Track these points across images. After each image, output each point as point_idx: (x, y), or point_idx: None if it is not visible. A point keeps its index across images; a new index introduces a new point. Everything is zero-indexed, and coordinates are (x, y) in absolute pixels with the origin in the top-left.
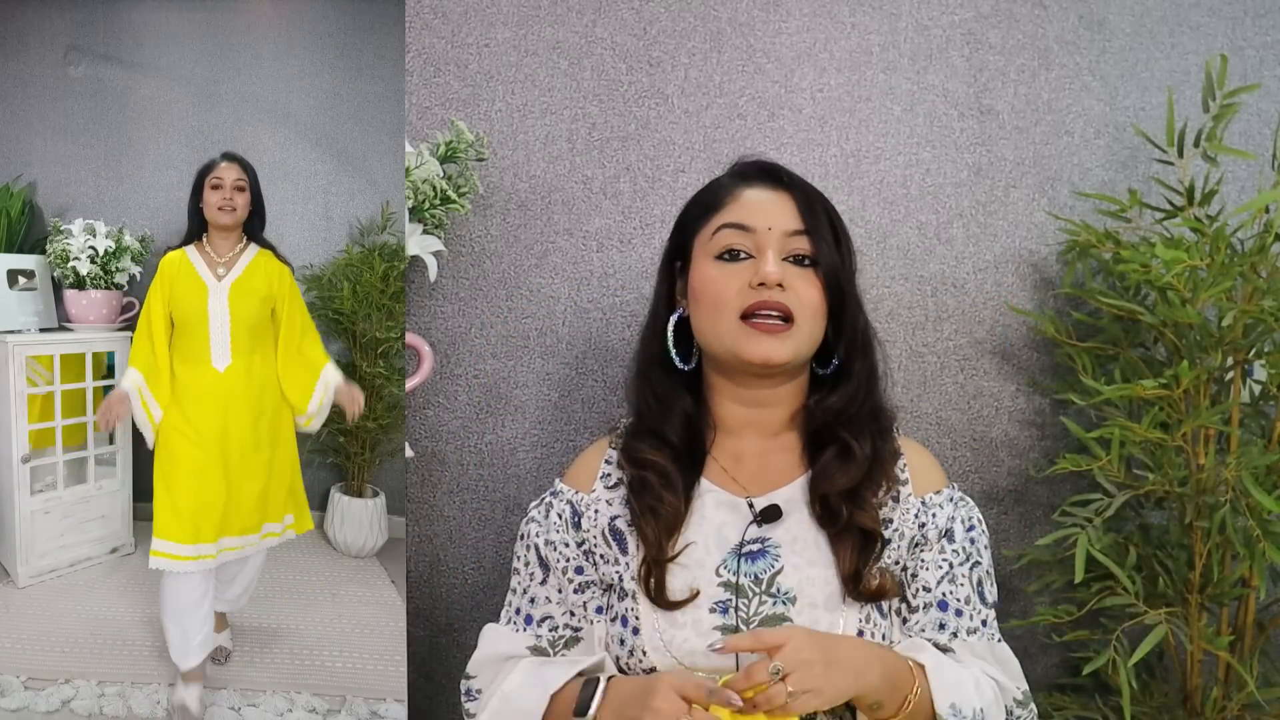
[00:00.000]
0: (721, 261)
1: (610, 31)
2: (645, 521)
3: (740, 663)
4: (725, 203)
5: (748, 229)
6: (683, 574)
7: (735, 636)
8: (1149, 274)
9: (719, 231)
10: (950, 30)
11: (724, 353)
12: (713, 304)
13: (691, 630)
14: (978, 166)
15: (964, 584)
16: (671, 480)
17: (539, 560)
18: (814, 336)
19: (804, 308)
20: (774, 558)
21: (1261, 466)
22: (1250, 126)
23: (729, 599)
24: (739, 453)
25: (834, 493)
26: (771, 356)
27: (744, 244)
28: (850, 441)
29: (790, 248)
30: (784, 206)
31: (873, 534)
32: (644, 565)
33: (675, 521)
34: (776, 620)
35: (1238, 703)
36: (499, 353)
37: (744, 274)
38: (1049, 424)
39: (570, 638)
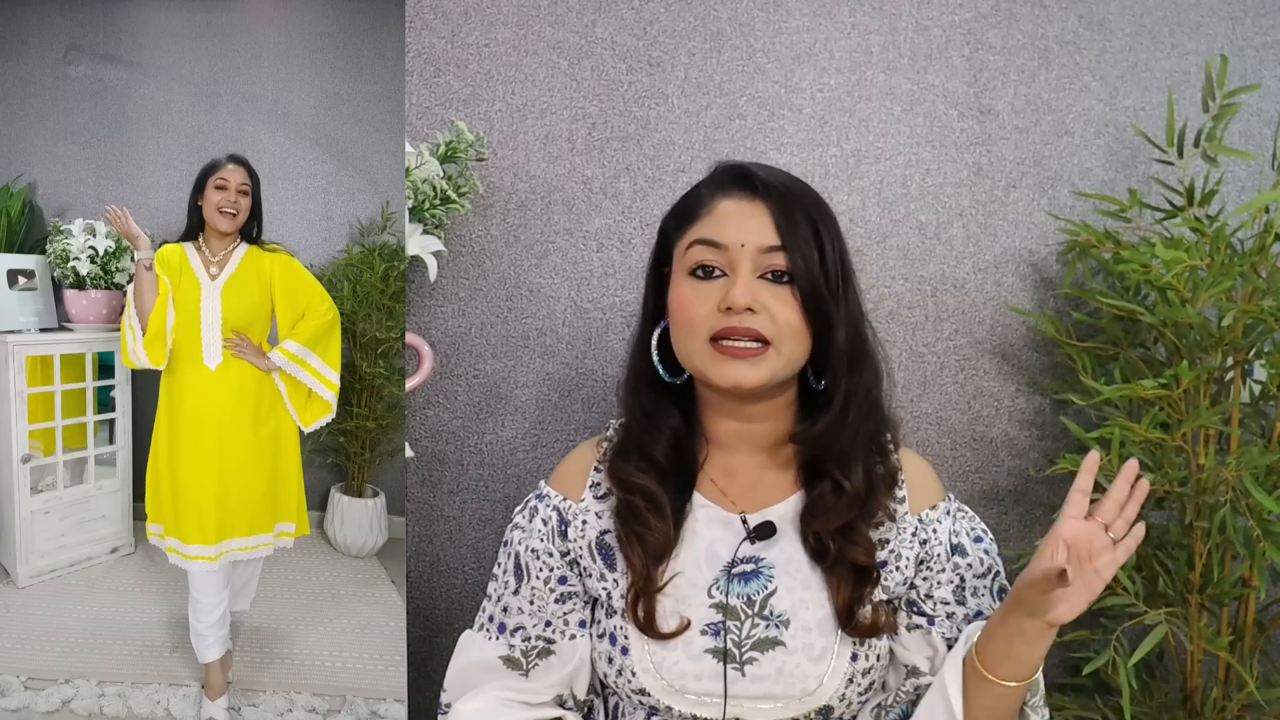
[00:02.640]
0: (694, 279)
1: (610, 31)
2: (632, 549)
3: (730, 696)
4: (700, 215)
5: (719, 245)
6: (673, 601)
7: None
8: (1149, 274)
9: (692, 247)
10: (950, 30)
11: (698, 374)
12: (685, 325)
13: (682, 653)
14: (978, 166)
15: (985, 594)
16: (659, 504)
17: (515, 568)
18: (793, 358)
19: (781, 329)
20: (767, 579)
21: (1261, 466)
22: (1250, 126)
23: (721, 621)
24: (731, 468)
25: (825, 531)
26: (741, 382)
27: (716, 261)
28: (841, 480)
29: (766, 264)
30: (759, 219)
31: (867, 568)
32: (632, 593)
33: (664, 549)
34: (770, 644)
35: (1238, 703)
36: (499, 353)
37: (715, 294)
38: (1049, 424)
39: (542, 649)
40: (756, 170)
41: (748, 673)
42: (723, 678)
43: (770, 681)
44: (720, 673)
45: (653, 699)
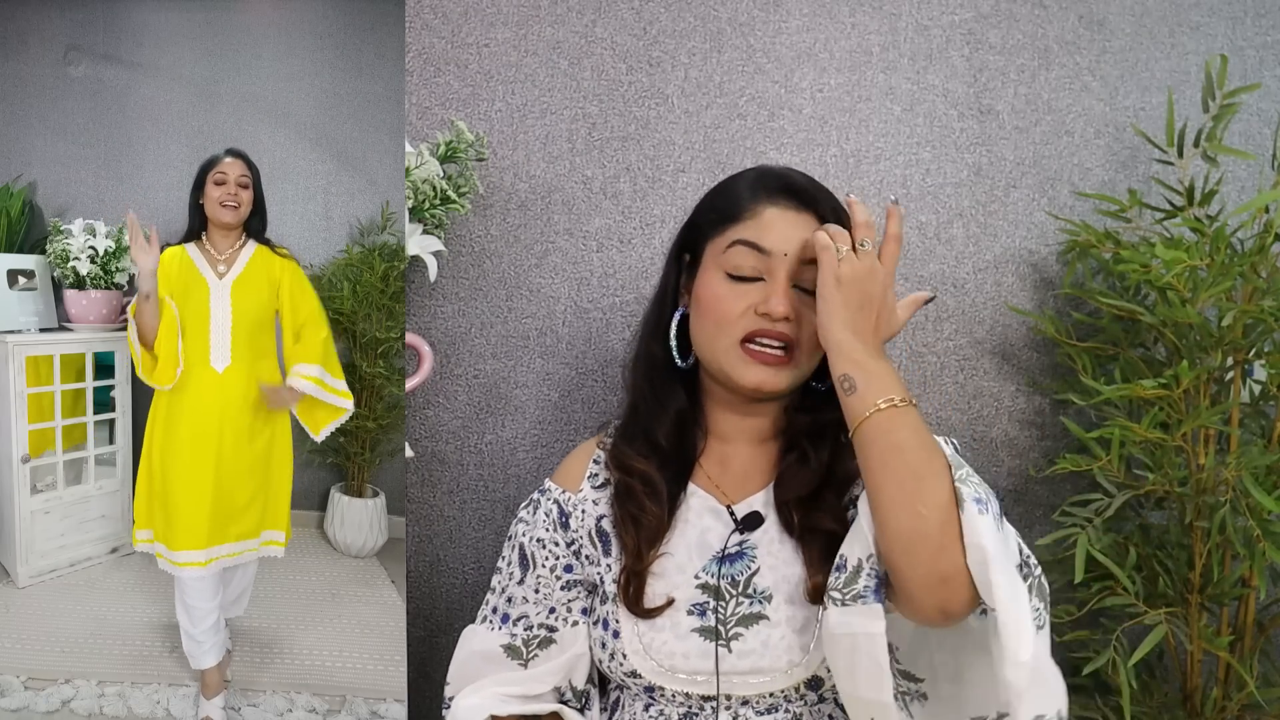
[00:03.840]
0: (730, 280)
1: (610, 31)
2: (626, 530)
3: (720, 673)
4: (743, 216)
5: (763, 251)
6: (662, 582)
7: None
8: (1149, 274)
9: (732, 246)
10: (950, 30)
11: (718, 371)
12: (715, 321)
13: (670, 634)
14: (978, 166)
15: None
16: (656, 489)
17: (520, 559)
18: (812, 366)
19: (808, 339)
20: (750, 559)
21: (1261, 466)
22: (1250, 126)
23: (706, 601)
24: (726, 458)
25: (793, 500)
26: (764, 385)
27: (756, 266)
28: (808, 449)
29: (805, 275)
30: (804, 230)
31: (838, 536)
32: (623, 573)
33: (657, 532)
34: (754, 619)
35: (1238, 703)
36: (499, 353)
37: (751, 296)
38: (1049, 424)
39: (543, 638)
40: (800, 180)
41: (734, 648)
42: (711, 656)
43: (756, 655)
44: (707, 650)
45: (644, 680)
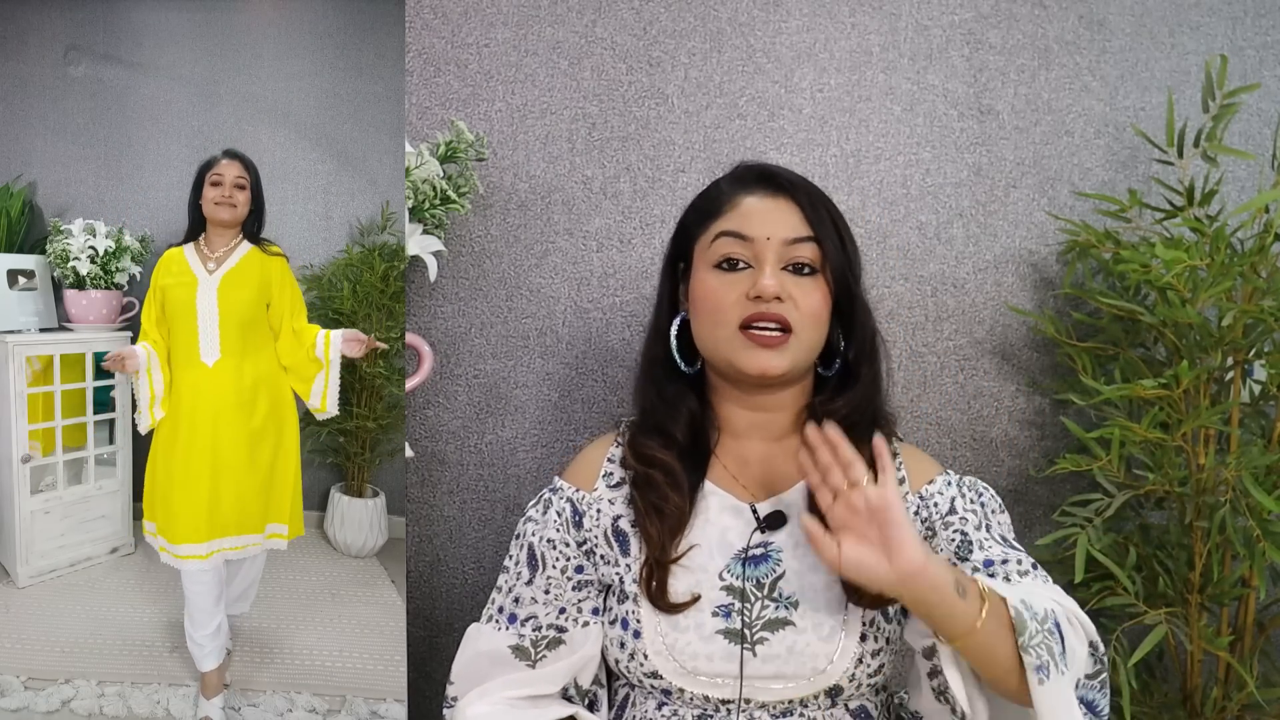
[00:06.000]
0: (720, 271)
1: (610, 31)
2: (650, 521)
3: (743, 675)
4: (724, 210)
5: (745, 238)
6: (685, 577)
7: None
8: (1149, 274)
9: (717, 239)
10: (950, 30)
11: (722, 362)
12: (711, 314)
13: (695, 634)
14: (978, 166)
15: (992, 544)
16: (677, 479)
17: (529, 559)
18: (813, 345)
19: (803, 317)
20: (776, 561)
21: (1261, 466)
22: (1250, 126)
23: (732, 603)
24: (744, 456)
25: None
26: (768, 369)
27: (742, 253)
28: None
29: (790, 256)
30: (785, 213)
31: None
32: (646, 566)
33: (680, 522)
34: (780, 624)
35: (1238, 703)
36: (499, 353)
37: (742, 284)
38: (1049, 424)
39: (553, 639)
40: (775, 168)
41: (759, 652)
42: (736, 659)
43: (781, 661)
44: (731, 654)
45: (665, 682)
